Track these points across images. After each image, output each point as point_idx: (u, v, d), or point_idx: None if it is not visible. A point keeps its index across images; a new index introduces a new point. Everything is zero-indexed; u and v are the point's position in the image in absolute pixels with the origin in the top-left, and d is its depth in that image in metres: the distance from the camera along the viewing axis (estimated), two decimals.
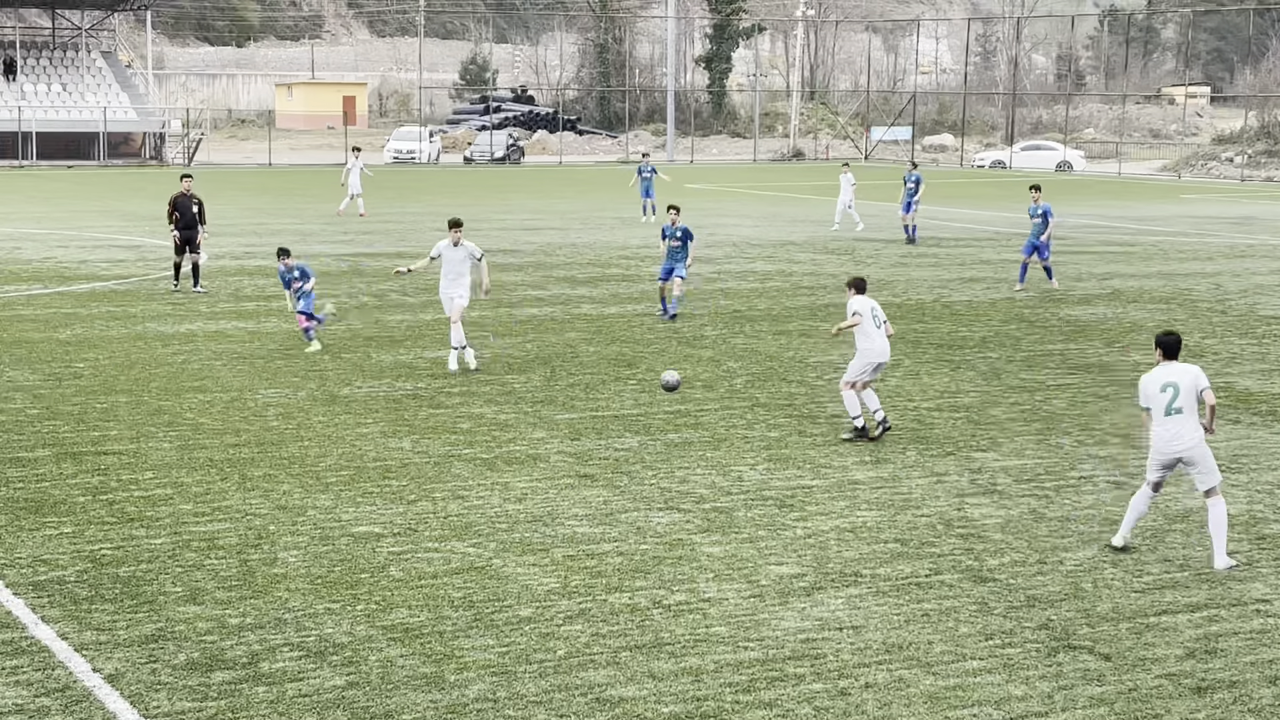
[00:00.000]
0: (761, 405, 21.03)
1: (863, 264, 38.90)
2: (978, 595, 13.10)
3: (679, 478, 16.98)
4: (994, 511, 15.79)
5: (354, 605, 12.64)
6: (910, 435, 19.25)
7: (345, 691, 10.88)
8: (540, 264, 38.10)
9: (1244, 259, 41.49)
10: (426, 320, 28.29)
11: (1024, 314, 30.10)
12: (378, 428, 19.28)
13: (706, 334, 27.16)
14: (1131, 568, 13.92)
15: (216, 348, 25.15)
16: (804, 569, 13.76)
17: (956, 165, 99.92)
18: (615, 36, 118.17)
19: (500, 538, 14.60)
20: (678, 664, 11.46)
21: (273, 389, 21.68)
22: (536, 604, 12.72)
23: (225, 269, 36.22)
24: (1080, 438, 19.26)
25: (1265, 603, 13.01)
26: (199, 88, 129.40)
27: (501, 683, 11.06)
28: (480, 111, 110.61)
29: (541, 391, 21.77)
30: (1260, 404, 21.54)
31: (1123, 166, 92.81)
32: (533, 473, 17.12)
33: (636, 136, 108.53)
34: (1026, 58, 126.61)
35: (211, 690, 10.86)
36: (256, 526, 14.89)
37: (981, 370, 23.90)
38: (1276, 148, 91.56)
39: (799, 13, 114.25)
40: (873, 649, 11.81)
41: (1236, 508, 16.00)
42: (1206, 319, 29.83)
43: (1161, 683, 11.23)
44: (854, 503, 16.06)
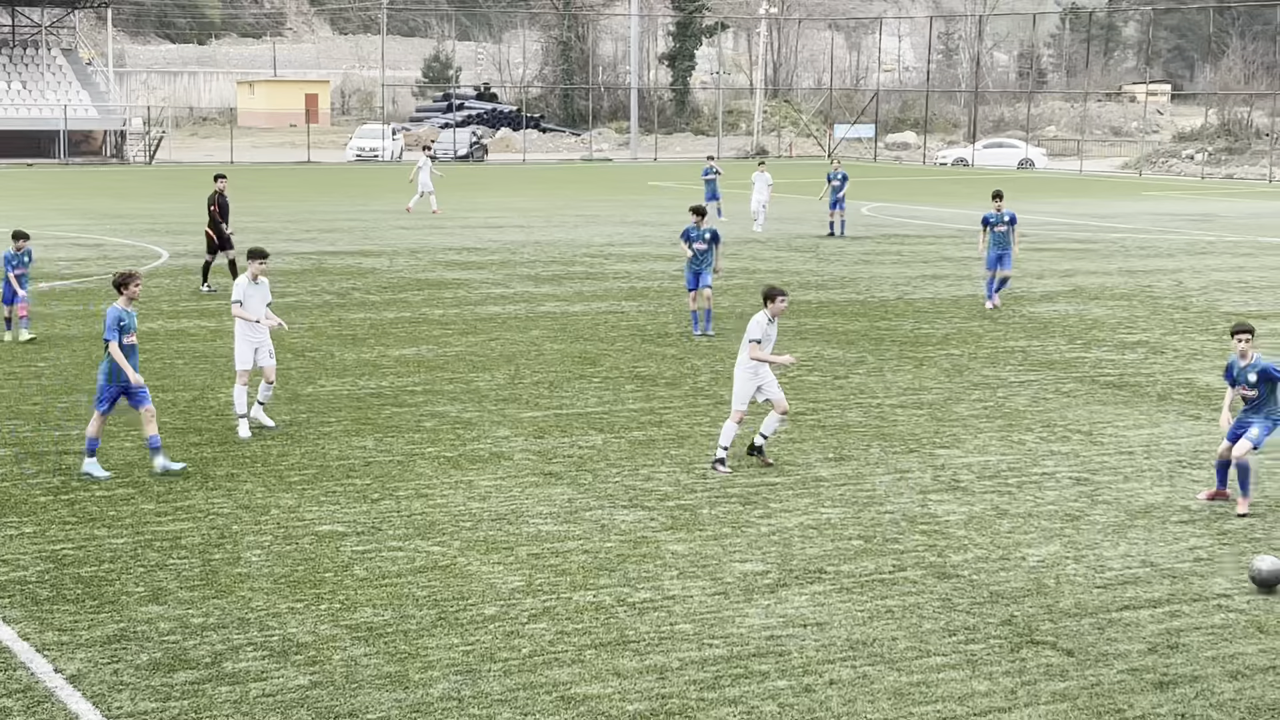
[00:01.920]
0: (725, 403, 21.00)
1: (826, 261, 38.99)
2: (941, 591, 13.14)
3: (643, 475, 16.98)
4: (957, 508, 15.84)
5: (317, 604, 12.60)
6: (874, 432, 19.30)
7: (309, 691, 10.85)
8: (504, 262, 38.05)
9: (1204, 256, 41.73)
10: (389, 319, 28.23)
11: (986, 311, 30.19)
12: (341, 426, 19.22)
13: (670, 331, 27.17)
14: (1094, 563, 13.98)
15: (179, 346, 25.04)
16: (768, 566, 13.78)
17: (919, 163, 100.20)
18: (578, 34, 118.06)
19: (464, 536, 14.58)
20: (642, 661, 11.46)
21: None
22: (501, 602, 12.71)
23: (187, 268, 36.05)
24: (1042, 434, 19.34)
25: (1226, 598, 13.09)
26: (160, 85, 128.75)
27: (466, 681, 11.05)
28: (443, 109, 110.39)
29: (505, 390, 21.74)
30: (1221, 400, 21.63)
31: (1084, 164, 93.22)
32: (497, 471, 17.10)
33: (600, 134, 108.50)
34: (989, 55, 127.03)
35: (174, 690, 10.81)
36: (219, 526, 14.82)
37: (944, 367, 23.97)
38: (1237, 145, 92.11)
39: (762, 10, 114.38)
40: (837, 645, 11.83)
41: (1198, 503, 16.10)
42: (1168, 315, 29.99)
43: (1124, 678, 11.28)
44: (818, 499, 16.08)
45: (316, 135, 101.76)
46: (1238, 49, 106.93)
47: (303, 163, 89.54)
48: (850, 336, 26.90)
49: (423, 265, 37.12)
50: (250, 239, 42.10)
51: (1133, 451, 18.45)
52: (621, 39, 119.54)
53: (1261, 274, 37.30)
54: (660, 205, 58.53)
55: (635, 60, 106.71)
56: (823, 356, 24.77)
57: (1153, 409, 21.01)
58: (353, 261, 37.72)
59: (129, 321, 16.69)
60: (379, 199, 59.69)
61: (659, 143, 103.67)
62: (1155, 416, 20.52)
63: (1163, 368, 24.20)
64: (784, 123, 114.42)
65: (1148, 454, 18.33)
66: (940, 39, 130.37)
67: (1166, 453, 18.42)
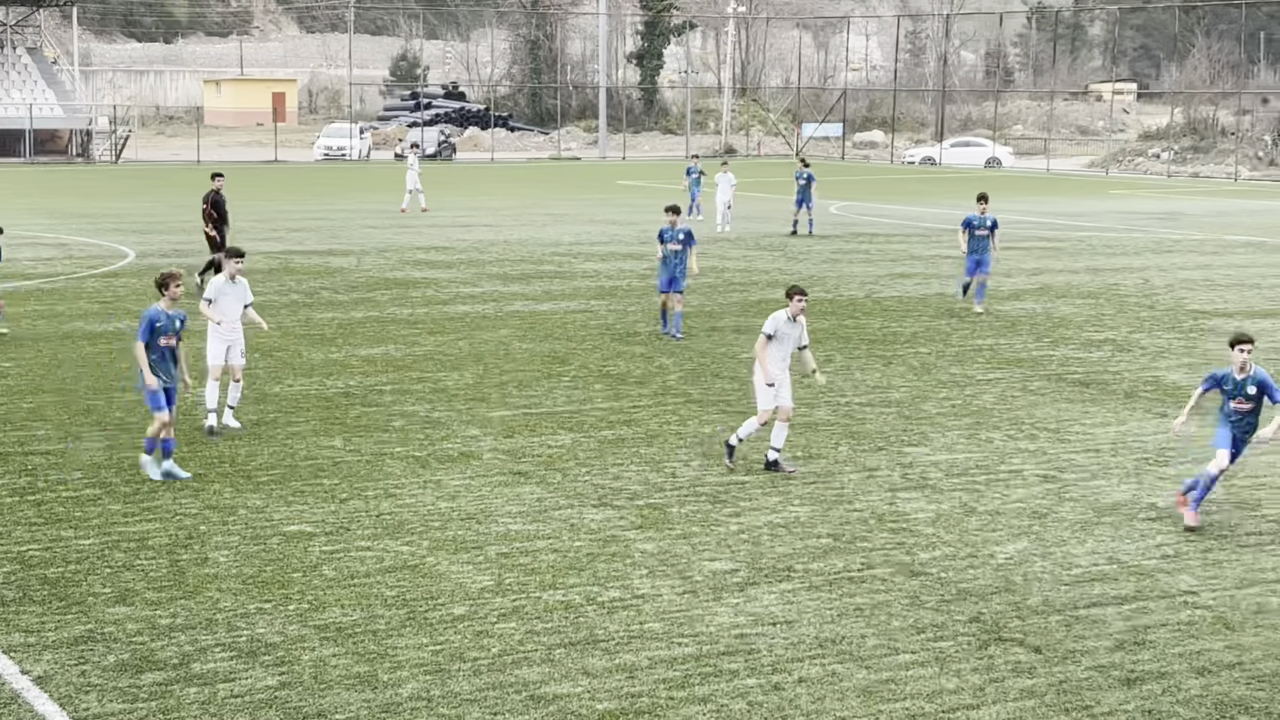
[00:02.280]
0: (694, 401, 21.07)
1: (794, 260, 39.05)
2: (909, 589, 13.18)
3: (612, 474, 16.98)
4: (925, 506, 15.89)
5: (286, 605, 12.56)
6: (842, 430, 19.34)
7: (278, 692, 10.82)
8: (472, 261, 38.00)
9: (1170, 254, 41.93)
10: (357, 318, 28.16)
11: (954, 309, 30.28)
12: (309, 426, 19.17)
13: (639, 330, 27.17)
14: (1061, 560, 14.04)
15: None
16: (737, 564, 13.80)
17: (887, 162, 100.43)
18: (546, 33, 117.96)
19: (433, 536, 14.56)
20: (612, 660, 11.46)
21: (202, 387, 21.48)
22: (470, 602, 12.69)
23: (154, 267, 35.88)
24: (1010, 432, 19.41)
25: (1193, 594, 13.16)
26: (126, 84, 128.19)
27: (435, 681, 11.03)
28: (411, 108, 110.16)
29: (474, 389, 21.71)
30: (1187, 398, 21.73)
31: (1051, 162, 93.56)
32: (466, 470, 17.08)
33: (568, 133, 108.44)
34: (956, 55, 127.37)
35: (142, 691, 10.77)
36: (187, 526, 14.77)
37: (912, 365, 24.03)
38: (1202, 144, 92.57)
39: (730, 9, 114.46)
40: (806, 643, 11.85)
41: (1165, 500, 16.18)
42: (1134, 314, 30.12)
43: (1091, 674, 11.33)
44: (786, 498, 16.11)
45: (284, 134, 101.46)
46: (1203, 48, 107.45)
47: (270, 162, 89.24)
48: (818, 335, 26.92)
49: (391, 264, 37.05)
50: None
51: (1099, 449, 18.53)
52: (590, 38, 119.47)
53: (1227, 272, 37.50)
54: (629, 204, 58.55)
55: (603, 59, 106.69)
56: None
57: (1119, 407, 21.10)
58: (320, 261, 37.63)
59: (166, 324, 16.23)
60: (346, 198, 59.55)
61: (627, 142, 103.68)
62: (1122, 414, 20.61)
63: (1129, 365, 24.31)
64: (752, 122, 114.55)
65: (1114, 451, 18.41)
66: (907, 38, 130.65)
67: (1133, 450, 18.50)
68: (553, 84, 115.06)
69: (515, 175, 79.84)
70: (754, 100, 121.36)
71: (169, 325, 16.29)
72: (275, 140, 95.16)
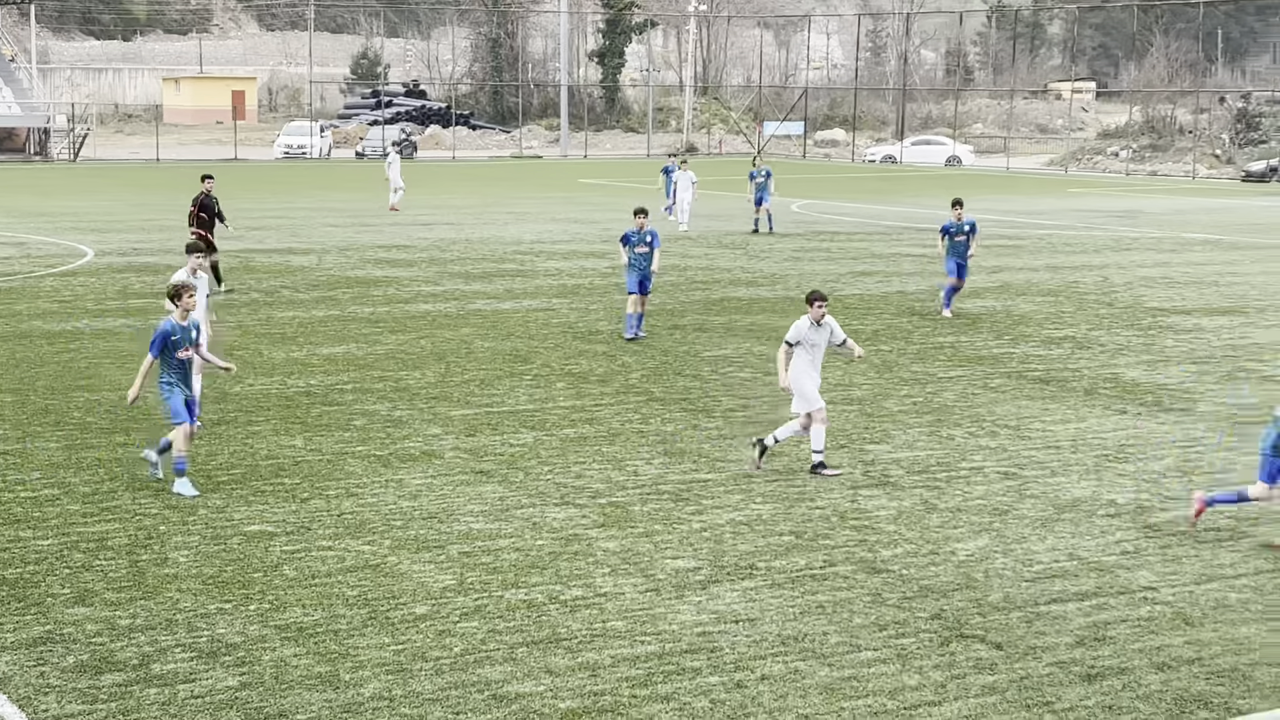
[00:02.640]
0: (657, 400, 21.07)
1: (756, 258, 39.09)
2: (871, 586, 13.21)
3: (575, 473, 16.97)
4: (887, 503, 15.93)
5: (246, 605, 12.51)
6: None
7: (238, 692, 10.77)
8: (434, 259, 37.92)
9: (1129, 251, 42.15)
10: (318, 317, 28.07)
11: (915, 307, 30.38)
12: (269, 425, 19.09)
13: (601, 329, 27.16)
14: (1021, 557, 14.09)
15: (104, 346, 24.79)
16: (700, 562, 13.80)
17: (848, 160, 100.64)
18: (508, 31, 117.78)
19: (395, 535, 14.52)
20: (574, 659, 11.45)
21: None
22: (432, 601, 12.66)
23: (112, 266, 35.72)
24: (971, 429, 19.48)
25: (1152, 590, 13.22)
26: (84, 82, 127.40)
27: (397, 681, 11.00)
28: (372, 106, 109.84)
29: (436, 388, 21.66)
30: (1146, 394, 21.89)
31: (1011, 161, 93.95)
32: (427, 469, 17.04)
33: (530, 131, 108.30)
34: (916, 53, 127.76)
35: (102, 693, 10.70)
36: (146, 526, 14.69)
37: (874, 363, 24.08)
38: (1160, 142, 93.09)
39: (691, 8, 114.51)
40: (768, 641, 11.87)
41: (1124, 496, 16.26)
42: (1093, 311, 30.27)
43: (1052, 670, 11.37)
44: (749, 496, 16.12)
45: (244, 132, 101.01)
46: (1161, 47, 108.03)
47: (230, 160, 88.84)
48: (780, 333, 26.87)
49: (352, 263, 36.94)
50: (178, 237, 41.77)
51: (1059, 446, 18.61)
52: (551, 36, 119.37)
53: (1185, 269, 37.72)
54: (591, 203, 58.53)
55: (565, 57, 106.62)
56: (753, 353, 24.83)
57: (1079, 403, 21.20)
58: (281, 259, 37.48)
59: (182, 336, 15.87)
60: (307, 197, 59.34)
61: (589, 140, 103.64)
62: (1081, 411, 20.70)
63: (1088, 363, 24.42)
64: (714, 120, 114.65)
65: (1074, 448, 18.50)
66: (868, 37, 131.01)
67: (1093, 447, 18.59)
68: (514, 82, 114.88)
69: (477, 174, 79.71)
70: (715, 99, 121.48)
71: (184, 337, 15.92)
72: (235, 138, 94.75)
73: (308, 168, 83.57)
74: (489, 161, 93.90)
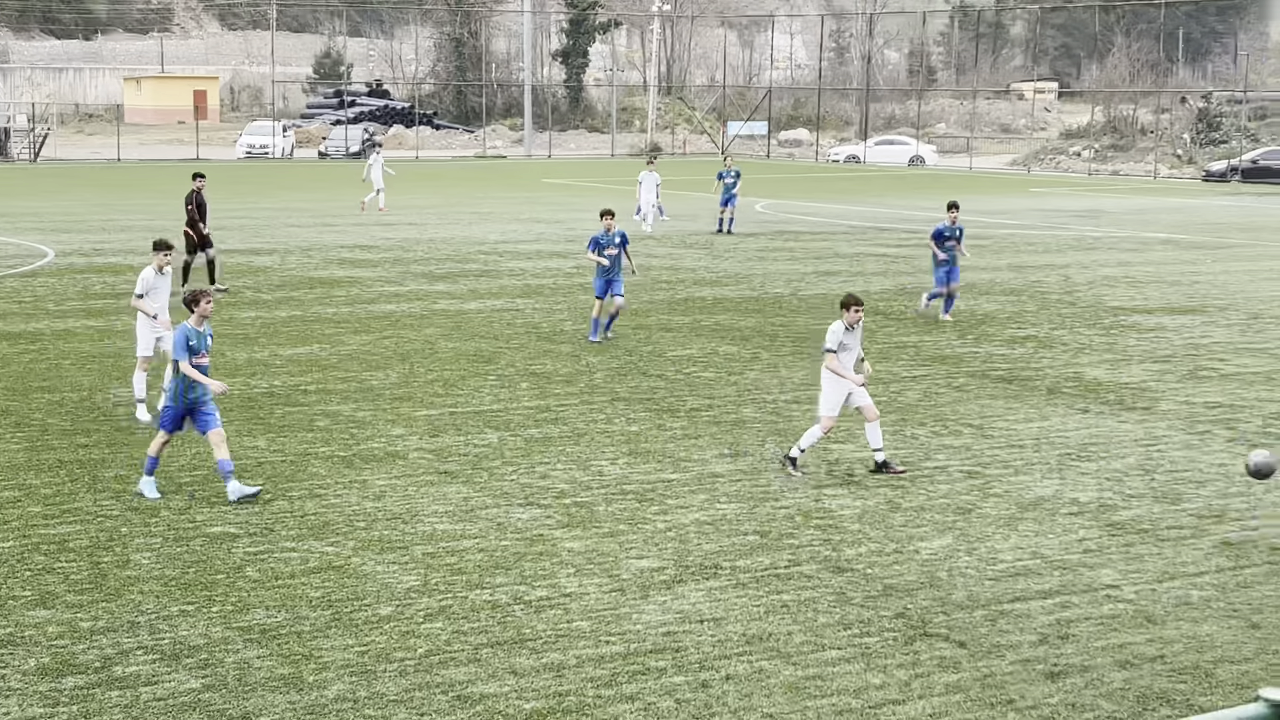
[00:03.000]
0: (621, 399, 21.06)
1: (720, 258, 39.12)
2: (836, 585, 13.23)
3: (539, 473, 16.95)
4: (851, 502, 15.95)
5: (209, 606, 12.45)
6: (769, 428, 19.39)
7: (201, 694, 10.72)
8: (397, 259, 37.82)
9: (1091, 251, 42.34)
10: (281, 318, 27.97)
11: (879, 306, 30.43)
12: (232, 426, 18.99)
13: (566, 329, 27.14)
14: (985, 555, 14.14)
15: (65, 347, 24.65)
16: (664, 562, 13.80)
17: (812, 160, 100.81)
18: (471, 30, 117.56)
19: (359, 536, 14.47)
20: (539, 660, 11.43)
21: (125, 388, 21.28)
22: (396, 602, 12.63)
23: (73, 266, 35.52)
24: (934, 428, 19.53)
25: (1115, 588, 13.28)
26: (45, 82, 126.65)
27: (361, 682, 10.96)
28: (335, 106, 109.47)
29: (400, 388, 21.61)
30: (1108, 393, 21.99)
31: (974, 161, 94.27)
32: (391, 470, 16.99)
33: (494, 131, 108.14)
34: (879, 54, 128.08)
35: (63, 696, 10.63)
36: (108, 528, 14.61)
37: None
38: (1122, 142, 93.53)
39: (655, 8, 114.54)
40: (733, 640, 11.87)
41: (1087, 495, 16.33)
42: (1056, 310, 30.39)
43: (1016, 668, 11.41)
44: (713, 495, 16.13)
45: (206, 132, 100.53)
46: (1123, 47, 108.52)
47: (191, 160, 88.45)
48: (744, 333, 27.01)
49: (315, 263, 36.82)
50: (139, 237, 41.59)
51: (1023, 445, 18.67)
52: (515, 35, 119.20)
53: (1147, 269, 37.90)
54: (555, 203, 58.48)
55: (529, 57, 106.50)
56: (717, 353, 24.85)
57: (1042, 402, 21.28)
58: (243, 260, 37.33)
59: (199, 341, 15.68)
60: (270, 197, 59.12)
61: (553, 140, 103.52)
62: (1044, 410, 20.78)
63: (1051, 362, 24.52)
64: (678, 120, 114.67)
65: (1037, 447, 18.57)
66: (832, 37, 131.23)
67: (1056, 445, 18.66)
68: (478, 82, 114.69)
69: (440, 173, 79.55)
70: (679, 98, 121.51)
71: (201, 343, 15.73)
72: (197, 138, 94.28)
73: (270, 168, 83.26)
74: (452, 161, 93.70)
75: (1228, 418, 20.35)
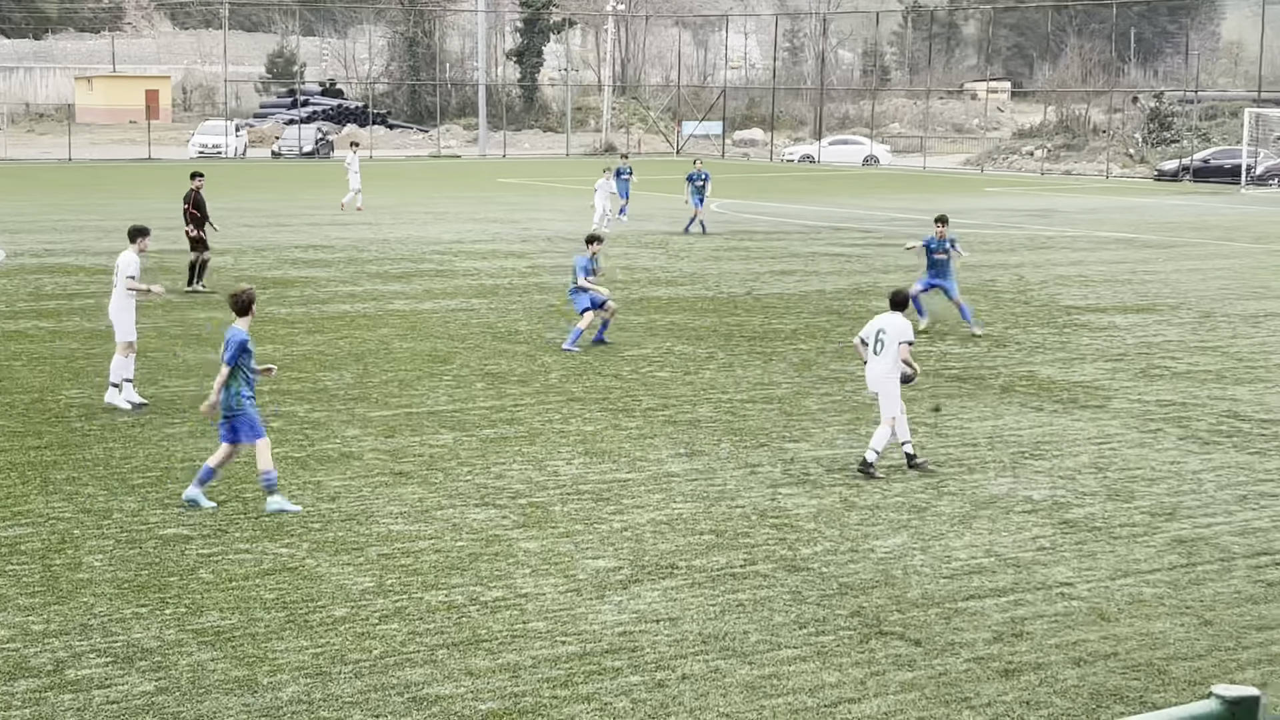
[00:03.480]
0: (577, 399, 21.04)
1: (675, 257, 39.14)
2: (791, 584, 13.25)
3: (495, 474, 16.92)
4: (806, 501, 15.98)
5: (163, 609, 12.37)
6: (724, 427, 19.41)
7: (155, 697, 10.65)
8: (352, 260, 37.69)
9: (1044, 250, 42.55)
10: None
11: (833, 306, 30.52)
12: (185, 428, 18.90)
13: (521, 329, 27.10)
14: (940, 554, 14.18)
15: (15, 348, 24.46)
16: (620, 562, 13.80)
17: (767, 159, 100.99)
18: (425, 30, 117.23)
19: (313, 537, 14.41)
20: (495, 660, 11.41)
21: (76, 389, 21.16)
22: (351, 604, 12.58)
23: (25, 267, 35.24)
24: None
25: (1069, 585, 13.34)
26: None
27: (316, 684, 10.92)
28: (288, 105, 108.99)
29: (354, 389, 21.53)
30: (1062, 391, 22.10)
31: (927, 160, 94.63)
32: (346, 471, 16.93)
33: (448, 130, 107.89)
34: (833, 53, 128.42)
35: (15, 699, 10.55)
36: (60, 530, 14.50)
37: (793, 362, 24.18)
38: (1075, 141, 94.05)
39: (609, 7, 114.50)
40: (689, 640, 11.88)
41: (1040, 493, 16.41)
42: (1009, 309, 30.53)
43: (970, 666, 11.45)
44: (669, 495, 16.13)
45: (158, 131, 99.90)
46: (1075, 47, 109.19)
47: (143, 159, 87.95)
48: (700, 332, 27.03)
49: (268, 263, 36.65)
50: (91, 237, 41.35)
51: (977, 443, 18.75)
52: (469, 35, 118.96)
53: (1100, 268, 38.12)
54: (509, 202, 58.40)
55: (483, 56, 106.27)
56: (673, 352, 24.86)
57: (995, 401, 21.37)
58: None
59: (251, 347, 15.54)
60: (222, 196, 58.78)
61: (508, 140, 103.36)
62: (998, 409, 20.87)
63: (1005, 360, 24.63)
64: (632, 119, 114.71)
65: (991, 445, 18.64)
66: (786, 37, 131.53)
67: (1010, 444, 18.74)
68: (432, 81, 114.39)
69: (394, 173, 79.30)
70: (634, 98, 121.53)
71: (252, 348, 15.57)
72: (149, 138, 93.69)
73: (223, 167, 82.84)
74: (406, 161, 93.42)
75: (1179, 416, 20.49)
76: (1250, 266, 38.80)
